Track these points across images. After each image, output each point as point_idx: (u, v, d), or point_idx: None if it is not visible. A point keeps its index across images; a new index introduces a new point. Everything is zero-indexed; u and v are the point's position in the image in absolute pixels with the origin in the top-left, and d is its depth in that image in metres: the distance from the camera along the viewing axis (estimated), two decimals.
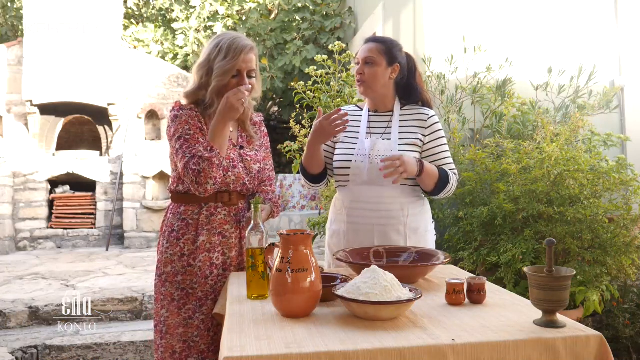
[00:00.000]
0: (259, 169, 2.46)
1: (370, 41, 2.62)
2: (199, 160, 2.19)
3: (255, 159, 2.46)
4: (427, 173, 2.46)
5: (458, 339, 1.48)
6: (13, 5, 12.30)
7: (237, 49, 2.31)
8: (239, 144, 2.46)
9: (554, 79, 4.37)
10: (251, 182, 2.43)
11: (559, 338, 1.51)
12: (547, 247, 1.59)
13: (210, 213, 2.37)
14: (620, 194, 3.64)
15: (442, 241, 3.78)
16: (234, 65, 2.31)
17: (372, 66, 2.56)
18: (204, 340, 2.34)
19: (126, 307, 5.05)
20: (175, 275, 2.35)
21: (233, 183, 2.36)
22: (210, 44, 2.37)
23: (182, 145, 2.26)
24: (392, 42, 2.65)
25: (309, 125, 4.52)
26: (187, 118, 2.30)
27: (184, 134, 2.28)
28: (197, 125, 2.30)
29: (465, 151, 3.95)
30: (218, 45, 2.33)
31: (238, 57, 2.31)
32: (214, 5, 10.52)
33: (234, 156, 2.37)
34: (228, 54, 2.30)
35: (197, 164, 2.19)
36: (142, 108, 9.58)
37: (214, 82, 2.32)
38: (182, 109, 2.33)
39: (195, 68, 2.40)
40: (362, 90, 2.61)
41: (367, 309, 1.62)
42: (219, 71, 2.30)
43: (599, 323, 3.77)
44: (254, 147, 2.51)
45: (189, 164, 2.21)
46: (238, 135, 2.48)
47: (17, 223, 8.60)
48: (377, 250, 2.35)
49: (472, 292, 1.83)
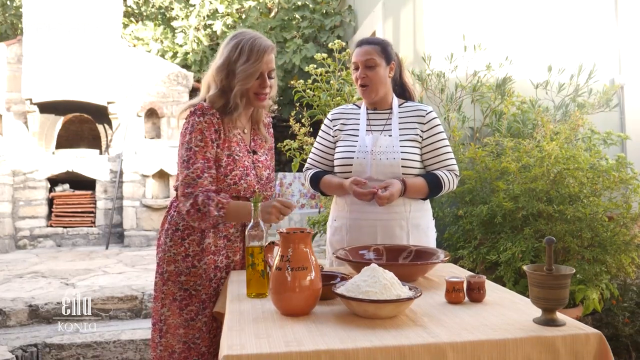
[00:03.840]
0: (268, 175, 2.46)
1: (364, 44, 2.63)
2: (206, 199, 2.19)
3: (265, 165, 2.45)
4: (411, 190, 2.53)
5: (458, 337, 1.48)
6: (12, 3, 12.29)
7: (259, 51, 2.25)
8: (252, 148, 2.43)
9: (554, 77, 4.36)
10: (261, 189, 2.41)
11: (559, 336, 1.51)
12: (546, 246, 1.59)
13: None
14: (620, 192, 3.64)
15: (441, 239, 3.77)
16: (258, 69, 2.26)
17: (374, 69, 2.58)
18: (204, 342, 2.32)
19: (126, 306, 5.05)
20: (178, 275, 2.32)
21: (244, 190, 2.33)
22: (229, 45, 2.29)
23: (190, 158, 2.24)
24: (384, 41, 2.69)
25: (309, 124, 4.51)
26: (205, 126, 2.25)
27: (194, 145, 2.24)
28: (210, 136, 2.25)
29: (465, 150, 3.95)
30: (238, 46, 2.26)
31: (261, 59, 2.26)
32: (213, 4, 10.51)
33: (247, 164, 2.35)
34: (251, 56, 2.24)
35: (205, 203, 2.18)
36: (142, 106, 9.58)
37: (238, 86, 2.26)
38: (205, 113, 2.27)
39: (213, 71, 2.32)
40: (367, 94, 2.62)
41: (366, 307, 1.62)
42: (242, 75, 2.25)
43: (598, 321, 3.77)
44: (264, 151, 2.50)
45: (196, 200, 2.19)
46: (251, 139, 2.46)
47: (17, 221, 8.59)
48: (377, 248, 2.35)
49: (472, 290, 1.83)
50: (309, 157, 2.82)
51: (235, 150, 2.32)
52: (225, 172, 2.28)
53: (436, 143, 2.61)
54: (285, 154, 4.61)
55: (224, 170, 2.28)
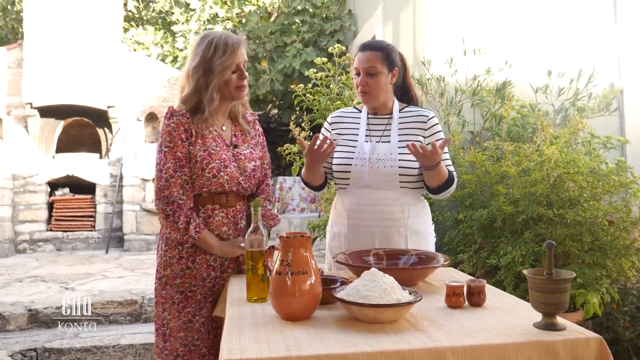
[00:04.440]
0: (253, 167, 2.44)
1: (367, 49, 2.58)
2: (173, 207, 2.27)
3: (249, 158, 2.44)
4: (440, 168, 2.43)
5: (458, 341, 1.48)
6: (13, 7, 12.30)
7: (234, 44, 2.33)
8: (232, 143, 2.44)
9: (554, 81, 4.36)
10: (246, 181, 2.40)
11: (559, 341, 1.50)
12: (546, 250, 1.59)
13: (208, 215, 2.35)
14: (620, 197, 3.64)
15: (441, 244, 3.77)
16: (234, 61, 2.33)
17: (375, 77, 2.54)
18: (204, 343, 2.33)
19: (126, 310, 5.04)
20: (174, 278, 2.34)
21: (227, 183, 2.34)
22: (201, 45, 2.35)
23: (161, 160, 2.31)
24: (388, 46, 2.63)
25: (309, 128, 4.51)
26: (174, 127, 2.31)
27: (164, 146, 2.31)
28: (179, 136, 2.30)
29: (465, 154, 3.94)
30: (212, 44, 2.32)
31: (237, 52, 2.33)
32: (213, 8, 10.53)
33: (225, 156, 2.35)
34: (227, 50, 2.31)
35: (172, 210, 2.27)
36: (142, 110, 9.58)
37: (216, 79, 2.31)
38: (173, 115, 2.33)
39: (189, 71, 2.36)
40: (366, 100, 2.60)
41: (366, 312, 1.62)
42: (219, 67, 2.30)
43: (598, 325, 3.76)
44: (249, 145, 2.49)
45: (162, 205, 2.29)
46: (232, 135, 2.46)
47: (17, 225, 8.58)
48: (377, 252, 2.34)
49: (472, 294, 1.82)
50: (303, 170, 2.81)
51: (211, 145, 2.34)
52: (201, 167, 2.30)
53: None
54: (285, 158, 4.61)
55: (200, 165, 2.30)
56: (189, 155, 2.31)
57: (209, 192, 2.34)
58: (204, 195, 2.34)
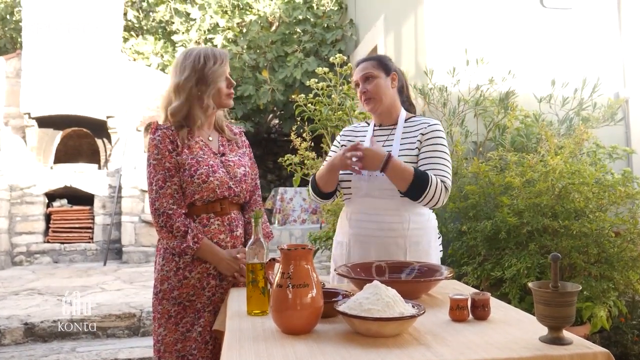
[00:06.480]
0: (244, 172, 2.46)
1: (360, 62, 2.68)
2: (163, 218, 2.29)
3: (238, 164, 2.46)
4: (394, 170, 2.35)
5: (462, 356, 1.44)
6: (12, 17, 12.34)
7: (221, 55, 2.40)
8: (220, 152, 2.46)
9: (558, 91, 4.34)
10: (237, 186, 2.41)
11: (566, 355, 1.46)
12: (552, 262, 1.56)
13: (203, 224, 2.35)
14: (627, 207, 3.61)
15: (445, 256, 3.73)
16: (225, 70, 2.40)
17: (373, 80, 2.59)
18: (201, 353, 2.31)
19: (124, 323, 4.98)
20: (171, 292, 2.32)
21: (218, 188, 2.34)
22: (189, 59, 2.38)
23: (151, 172, 2.34)
24: (381, 56, 2.73)
25: (310, 138, 4.48)
26: (159, 140, 2.34)
27: (152, 159, 2.34)
28: (166, 147, 2.33)
29: (468, 164, 3.91)
30: (199, 56, 2.37)
31: (225, 62, 2.40)
32: (214, 18, 10.55)
33: (213, 163, 2.37)
34: (216, 60, 2.37)
35: (164, 221, 2.29)
36: (141, 121, 9.57)
37: (210, 87, 2.37)
38: (158, 129, 2.37)
39: (179, 84, 2.37)
40: (371, 106, 2.61)
41: (369, 326, 1.58)
42: (213, 76, 2.36)
43: (606, 340, 3.71)
44: (237, 154, 2.52)
45: (155, 217, 2.31)
46: (219, 145, 2.49)
47: (14, 237, 8.53)
48: (380, 265, 2.31)
49: (476, 307, 1.79)
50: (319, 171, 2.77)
51: (198, 153, 2.37)
52: (190, 174, 2.32)
53: (432, 152, 2.50)
54: (286, 168, 4.58)
55: (189, 172, 2.32)
56: (177, 165, 2.34)
57: (202, 201, 2.34)
58: (198, 204, 2.35)
